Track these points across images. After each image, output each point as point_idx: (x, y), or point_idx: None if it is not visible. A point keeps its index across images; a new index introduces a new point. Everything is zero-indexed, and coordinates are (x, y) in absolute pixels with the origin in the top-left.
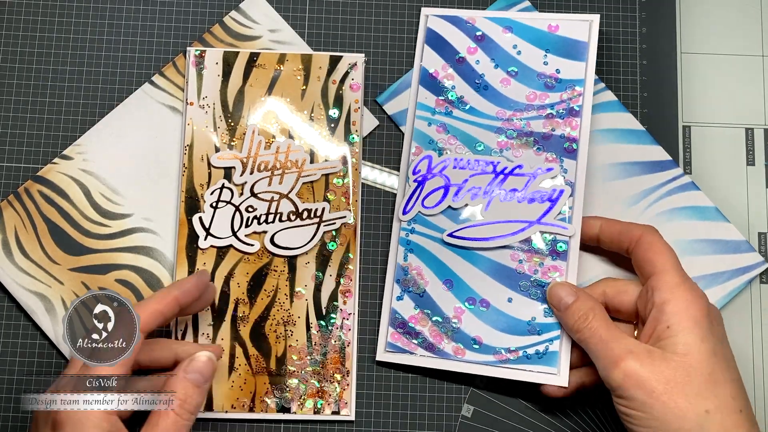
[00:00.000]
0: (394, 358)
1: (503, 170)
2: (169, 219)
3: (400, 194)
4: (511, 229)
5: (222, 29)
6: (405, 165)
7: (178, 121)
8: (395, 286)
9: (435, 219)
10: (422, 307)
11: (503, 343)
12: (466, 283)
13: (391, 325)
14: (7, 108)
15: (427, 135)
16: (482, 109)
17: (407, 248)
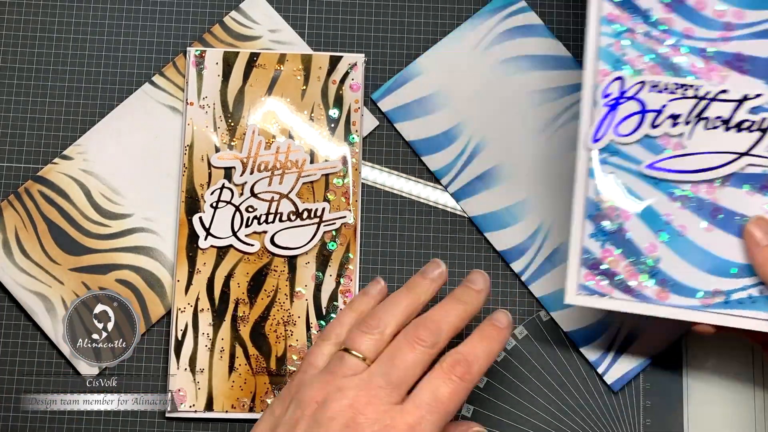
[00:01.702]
0: (587, 302)
1: (706, 95)
2: (170, 219)
3: (586, 121)
4: (718, 161)
5: (222, 29)
6: (590, 87)
7: (178, 121)
8: (587, 222)
9: (629, 149)
10: (617, 245)
11: (707, 285)
12: (664, 219)
13: (583, 265)
14: (7, 108)
15: (615, 54)
16: (674, 26)
17: (599, 181)
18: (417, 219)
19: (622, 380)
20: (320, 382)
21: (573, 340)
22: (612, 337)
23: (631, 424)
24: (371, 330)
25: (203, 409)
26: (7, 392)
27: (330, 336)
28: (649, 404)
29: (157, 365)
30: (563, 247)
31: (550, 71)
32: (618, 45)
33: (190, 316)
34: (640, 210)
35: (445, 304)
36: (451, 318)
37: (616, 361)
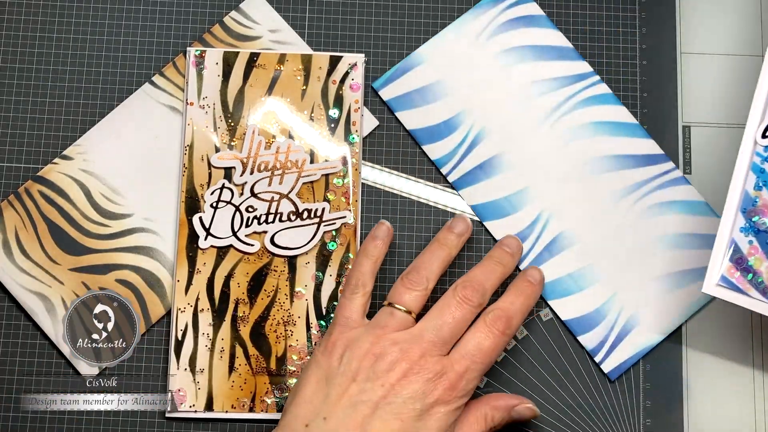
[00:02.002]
0: (724, 295)
1: None
2: (170, 219)
3: (757, 113)
4: None
5: (222, 29)
6: (765, 86)
7: (178, 121)
8: (739, 215)
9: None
10: (764, 245)
11: None
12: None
13: (729, 257)
14: (7, 108)
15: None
16: None
17: (761, 177)
18: (417, 219)
19: (620, 369)
20: (372, 336)
21: (571, 328)
22: (610, 326)
23: (631, 424)
24: (415, 286)
25: (203, 409)
26: (7, 392)
27: (356, 287)
28: (649, 404)
29: (157, 365)
30: (561, 236)
31: (551, 61)
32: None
33: (190, 316)
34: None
35: (486, 266)
36: (492, 279)
37: (614, 350)
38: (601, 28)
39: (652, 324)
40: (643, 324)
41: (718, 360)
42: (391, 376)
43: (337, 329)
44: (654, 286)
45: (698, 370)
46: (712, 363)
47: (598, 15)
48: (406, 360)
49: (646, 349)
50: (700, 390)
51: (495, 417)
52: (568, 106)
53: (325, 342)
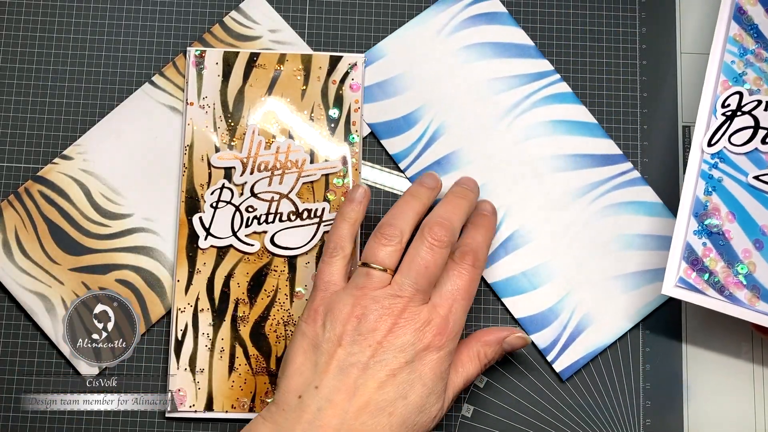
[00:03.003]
0: (683, 295)
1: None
2: (170, 219)
3: (702, 125)
4: None
5: (222, 29)
6: (710, 95)
7: (178, 121)
8: (692, 219)
9: (738, 159)
10: (716, 246)
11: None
12: (762, 229)
13: (685, 259)
14: (7, 108)
15: (736, 71)
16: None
17: (709, 183)
18: None
19: (572, 368)
20: (352, 297)
21: (524, 326)
22: (563, 325)
23: (631, 424)
24: (389, 241)
25: (203, 409)
26: (7, 392)
27: (335, 250)
28: (649, 404)
29: (157, 365)
30: (517, 234)
31: (512, 59)
32: (741, 64)
33: (190, 316)
34: (741, 217)
35: (449, 202)
36: (458, 214)
37: (566, 350)
38: (601, 28)
39: (605, 324)
40: (596, 324)
41: (718, 360)
42: (377, 335)
43: (318, 295)
44: (608, 286)
45: (698, 370)
46: (712, 363)
47: (598, 15)
48: (389, 316)
49: (599, 350)
50: (700, 390)
51: (488, 353)
52: (527, 104)
53: (308, 309)
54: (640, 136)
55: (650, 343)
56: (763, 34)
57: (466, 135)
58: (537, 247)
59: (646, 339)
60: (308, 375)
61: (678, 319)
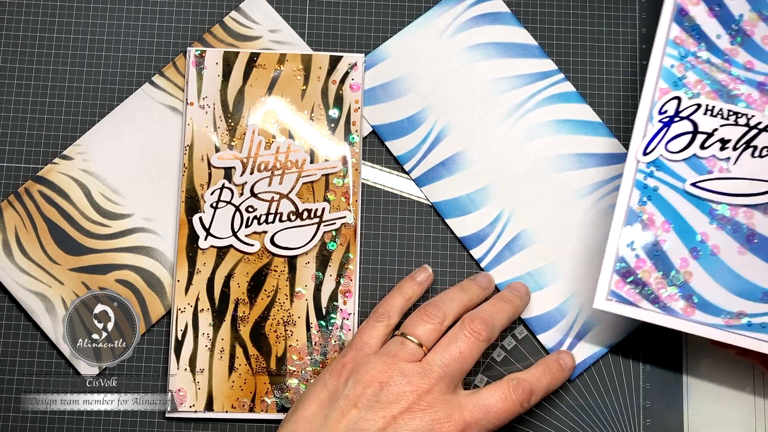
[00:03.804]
0: (615, 308)
1: (757, 125)
2: (170, 219)
3: (639, 133)
4: (760, 188)
5: (222, 29)
6: (648, 102)
7: (178, 121)
8: (625, 230)
9: (675, 166)
10: (651, 257)
11: (732, 306)
12: (700, 237)
13: (616, 272)
14: (7, 108)
15: (676, 75)
16: (737, 58)
17: (644, 192)
18: (417, 219)
19: (578, 369)
20: (381, 363)
21: (530, 326)
22: (569, 325)
23: (631, 424)
24: (431, 319)
25: (203, 410)
26: (7, 392)
27: (381, 317)
28: (649, 404)
29: (157, 365)
30: (522, 234)
31: (515, 59)
32: (680, 67)
33: (190, 316)
34: (678, 226)
35: (496, 303)
36: (501, 316)
37: (572, 350)
38: (601, 29)
39: (611, 325)
40: (603, 324)
41: (718, 360)
42: (394, 408)
43: (350, 353)
44: None
45: (698, 370)
46: (712, 363)
47: (598, 15)
48: (412, 393)
49: (604, 350)
50: (700, 390)
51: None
52: (531, 104)
53: (336, 362)
54: None
55: (650, 343)
56: (706, 34)
57: (471, 135)
58: (542, 248)
59: (646, 339)
60: (316, 427)
61: None
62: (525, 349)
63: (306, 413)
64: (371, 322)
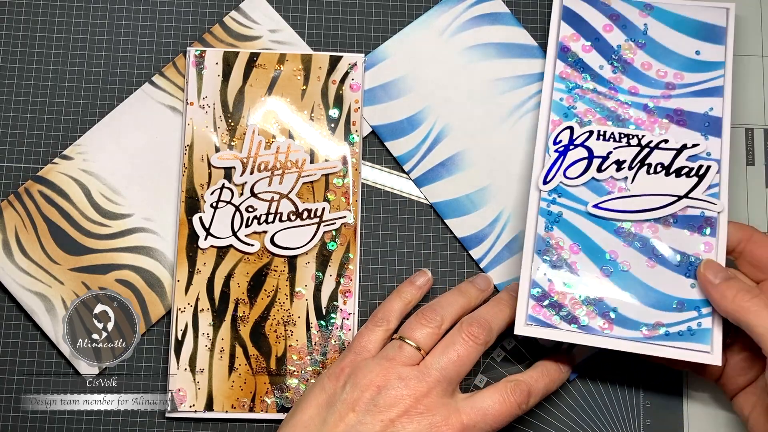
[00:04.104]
0: (535, 332)
1: (648, 143)
2: (170, 219)
3: (538, 164)
4: (659, 202)
5: (222, 29)
6: (543, 135)
7: (178, 121)
8: (536, 257)
9: (576, 190)
10: (564, 279)
11: (649, 318)
12: (608, 256)
13: (532, 297)
14: (7, 108)
15: (566, 107)
16: (622, 84)
17: (549, 219)
18: (417, 219)
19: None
20: (379, 367)
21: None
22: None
23: (631, 424)
24: (429, 323)
25: (203, 409)
26: (7, 392)
27: (380, 321)
28: (649, 404)
29: (157, 365)
30: (522, 234)
31: (515, 59)
32: (569, 99)
33: (190, 316)
34: (586, 246)
35: (494, 306)
36: (499, 319)
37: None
38: None
39: None
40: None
41: None
42: (392, 411)
43: (349, 357)
44: None
45: None
46: None
47: None
48: (410, 397)
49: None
50: (700, 390)
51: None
52: (531, 104)
53: (334, 366)
54: None
55: None
56: (589, 65)
57: (471, 136)
58: None
59: None
60: (314, 431)
61: None
62: (525, 349)
63: (304, 417)
64: (370, 326)
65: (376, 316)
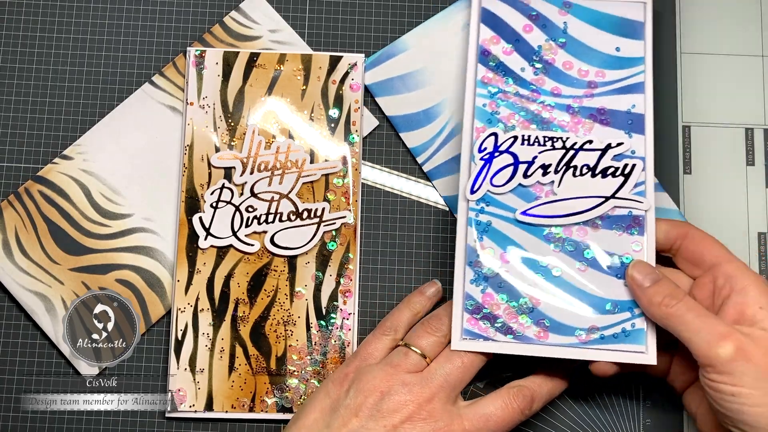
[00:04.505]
0: (472, 346)
1: (573, 145)
2: (170, 219)
3: (465, 174)
4: (586, 205)
5: (222, 29)
6: (468, 143)
7: (178, 121)
8: (467, 269)
9: (504, 198)
10: (496, 289)
11: (584, 323)
12: (540, 262)
13: (466, 310)
14: (7, 108)
15: (489, 112)
16: (544, 86)
17: (479, 229)
18: (417, 219)
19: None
20: (383, 373)
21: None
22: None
23: (631, 424)
24: (435, 331)
25: (203, 409)
26: (7, 392)
27: (388, 330)
28: (649, 404)
29: (157, 365)
30: None
31: None
32: (492, 104)
33: (190, 316)
34: (517, 255)
35: None
36: None
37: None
38: None
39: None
40: None
41: None
42: (395, 417)
43: (354, 362)
44: None
45: None
46: None
47: None
48: (413, 403)
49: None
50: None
51: None
52: None
53: (339, 371)
54: None
55: None
56: (511, 69)
57: None
58: None
59: None
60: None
61: None
62: None
63: (307, 422)
64: (378, 334)
65: (384, 325)
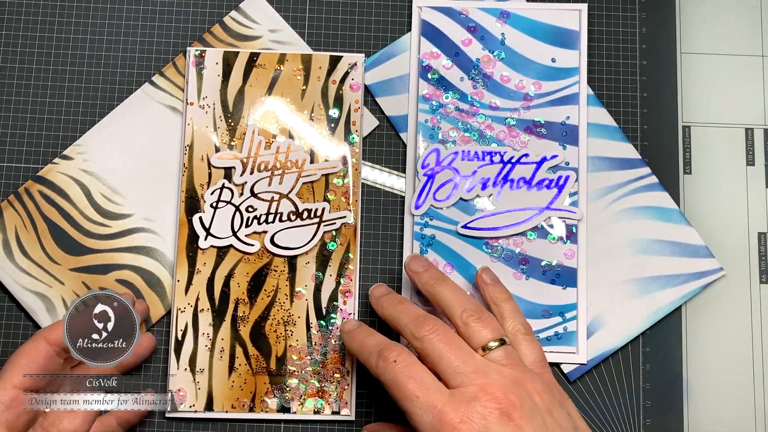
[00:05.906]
0: None
1: (510, 159)
2: (170, 219)
3: (410, 189)
4: (523, 216)
5: (222, 29)
6: (412, 160)
7: (178, 121)
8: None
9: (447, 212)
10: None
11: None
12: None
13: None
14: (7, 108)
15: (431, 128)
16: (483, 99)
17: (423, 242)
18: None
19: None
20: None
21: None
22: None
23: (631, 424)
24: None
25: (203, 409)
26: None
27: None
28: (648, 404)
29: (157, 365)
30: None
31: None
32: (434, 119)
33: (190, 316)
34: (458, 265)
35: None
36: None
37: None
38: (601, 29)
39: (615, 328)
40: (606, 327)
41: (718, 360)
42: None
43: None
44: (621, 290)
45: (698, 370)
46: (712, 363)
47: (597, 15)
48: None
49: (608, 353)
50: (700, 390)
51: None
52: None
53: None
54: (640, 136)
55: (650, 344)
56: (451, 83)
57: None
58: None
59: (646, 339)
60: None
61: (678, 320)
62: None
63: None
64: None
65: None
